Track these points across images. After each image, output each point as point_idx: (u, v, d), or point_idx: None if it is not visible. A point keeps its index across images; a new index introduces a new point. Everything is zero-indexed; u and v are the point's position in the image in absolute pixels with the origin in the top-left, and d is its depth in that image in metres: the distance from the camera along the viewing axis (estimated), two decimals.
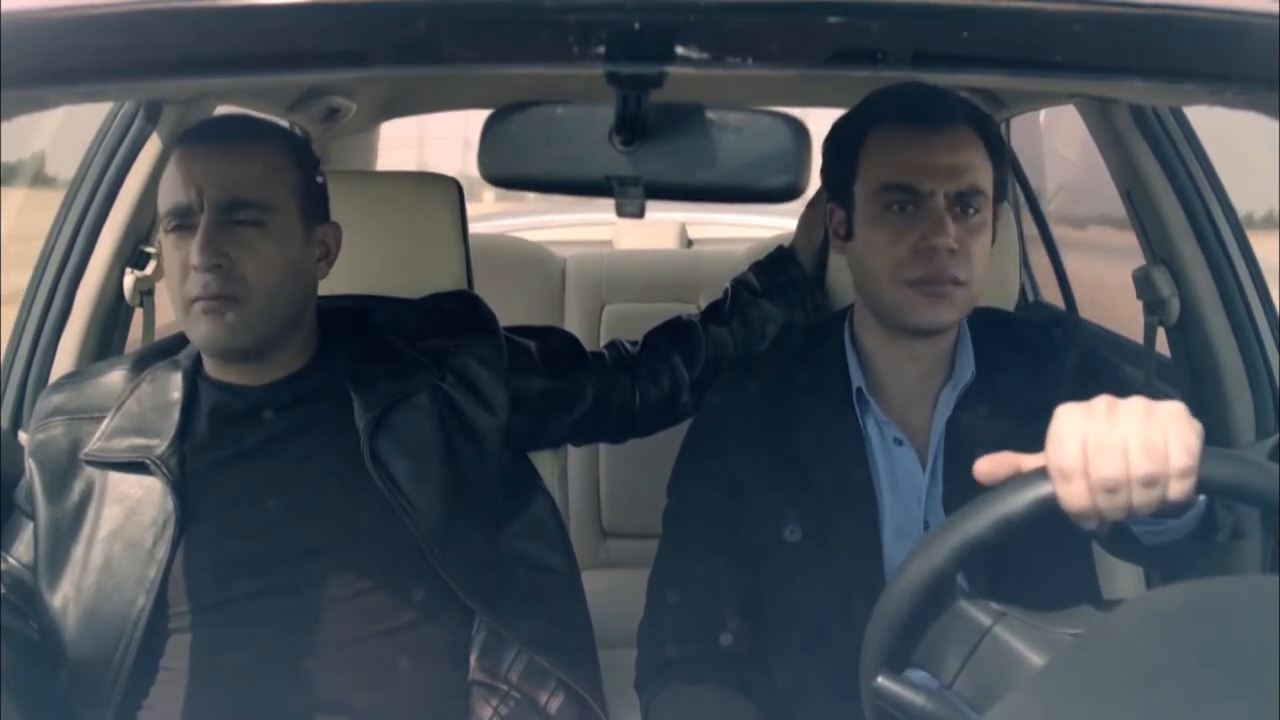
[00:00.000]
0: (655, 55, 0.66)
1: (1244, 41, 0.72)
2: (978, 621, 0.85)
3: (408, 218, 1.58)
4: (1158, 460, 0.83)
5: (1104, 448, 0.84)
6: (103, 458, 1.28)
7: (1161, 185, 1.62)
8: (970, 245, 1.20)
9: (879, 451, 1.25)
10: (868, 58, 0.70)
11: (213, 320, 1.20)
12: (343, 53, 0.71)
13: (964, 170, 1.20)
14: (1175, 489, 0.84)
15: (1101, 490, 0.84)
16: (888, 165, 1.23)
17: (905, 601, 0.86)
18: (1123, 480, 0.84)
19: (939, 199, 1.20)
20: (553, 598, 1.39)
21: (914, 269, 1.20)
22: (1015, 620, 0.85)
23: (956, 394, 1.25)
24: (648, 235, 3.56)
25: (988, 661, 0.84)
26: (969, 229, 1.20)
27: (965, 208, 1.21)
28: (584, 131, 0.79)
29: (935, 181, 1.20)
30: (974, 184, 1.21)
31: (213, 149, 1.23)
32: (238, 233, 1.21)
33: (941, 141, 1.21)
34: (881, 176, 1.23)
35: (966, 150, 1.22)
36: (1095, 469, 0.84)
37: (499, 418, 1.35)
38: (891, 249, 1.21)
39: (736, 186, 0.82)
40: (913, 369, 1.26)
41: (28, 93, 0.77)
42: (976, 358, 1.27)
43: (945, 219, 1.19)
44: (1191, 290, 1.61)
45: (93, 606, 1.23)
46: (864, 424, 1.25)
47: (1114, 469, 0.83)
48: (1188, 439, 0.84)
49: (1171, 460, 0.83)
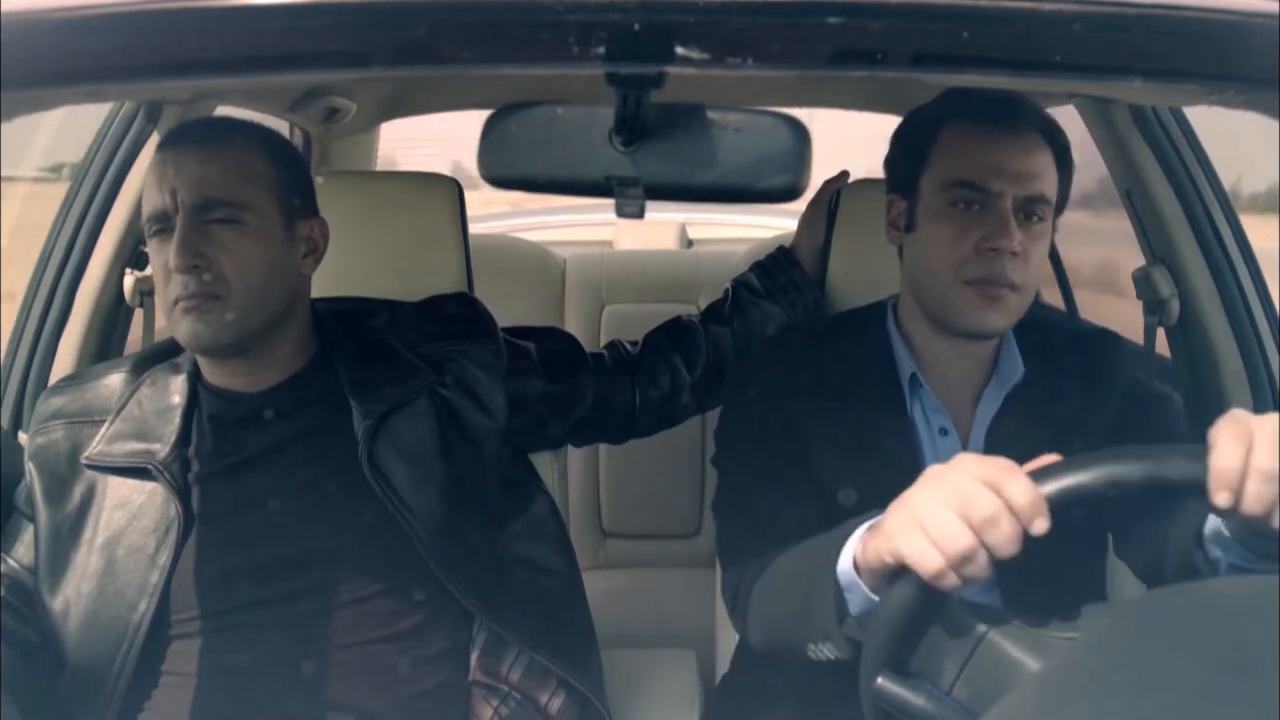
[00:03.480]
0: (655, 56, 0.66)
1: (1244, 41, 0.72)
2: (972, 628, 0.85)
3: (407, 218, 1.58)
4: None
5: (1275, 443, 0.82)
6: (104, 462, 1.27)
7: (1161, 185, 1.62)
8: (1031, 251, 1.20)
9: (925, 438, 1.26)
10: (867, 58, 0.70)
11: (194, 319, 1.21)
12: (342, 53, 0.71)
13: (1034, 176, 1.21)
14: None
15: (1259, 475, 0.82)
16: (959, 162, 1.22)
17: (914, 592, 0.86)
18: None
19: (1007, 201, 1.20)
20: (553, 598, 1.39)
21: (974, 268, 1.20)
22: (1010, 626, 0.85)
23: (1004, 392, 1.26)
24: (648, 236, 3.56)
25: (984, 667, 0.84)
26: (1032, 235, 1.21)
27: (1030, 213, 1.21)
28: (584, 132, 0.79)
29: (1005, 183, 1.20)
30: (1042, 191, 1.21)
31: (185, 152, 1.23)
32: (214, 232, 1.21)
33: (1015, 145, 1.21)
34: (951, 172, 1.22)
35: (1037, 157, 1.22)
36: (1259, 455, 0.82)
37: (497, 421, 1.35)
38: (954, 246, 1.21)
39: (737, 187, 0.82)
40: (959, 365, 1.27)
41: (28, 93, 0.77)
42: (1025, 359, 1.27)
43: (1010, 221, 1.19)
44: (1191, 290, 1.61)
45: (94, 611, 1.23)
46: (911, 411, 1.26)
47: (1278, 462, 0.82)
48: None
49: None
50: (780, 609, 1.14)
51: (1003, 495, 0.83)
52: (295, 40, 0.70)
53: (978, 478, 0.85)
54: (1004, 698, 0.80)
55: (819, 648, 1.01)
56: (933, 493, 0.86)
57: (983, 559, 0.83)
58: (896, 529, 0.87)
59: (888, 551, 0.87)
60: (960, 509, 0.84)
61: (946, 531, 0.83)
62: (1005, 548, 0.83)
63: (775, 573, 1.15)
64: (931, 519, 0.84)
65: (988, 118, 1.22)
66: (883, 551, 0.88)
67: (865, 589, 0.95)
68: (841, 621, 0.98)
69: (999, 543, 0.83)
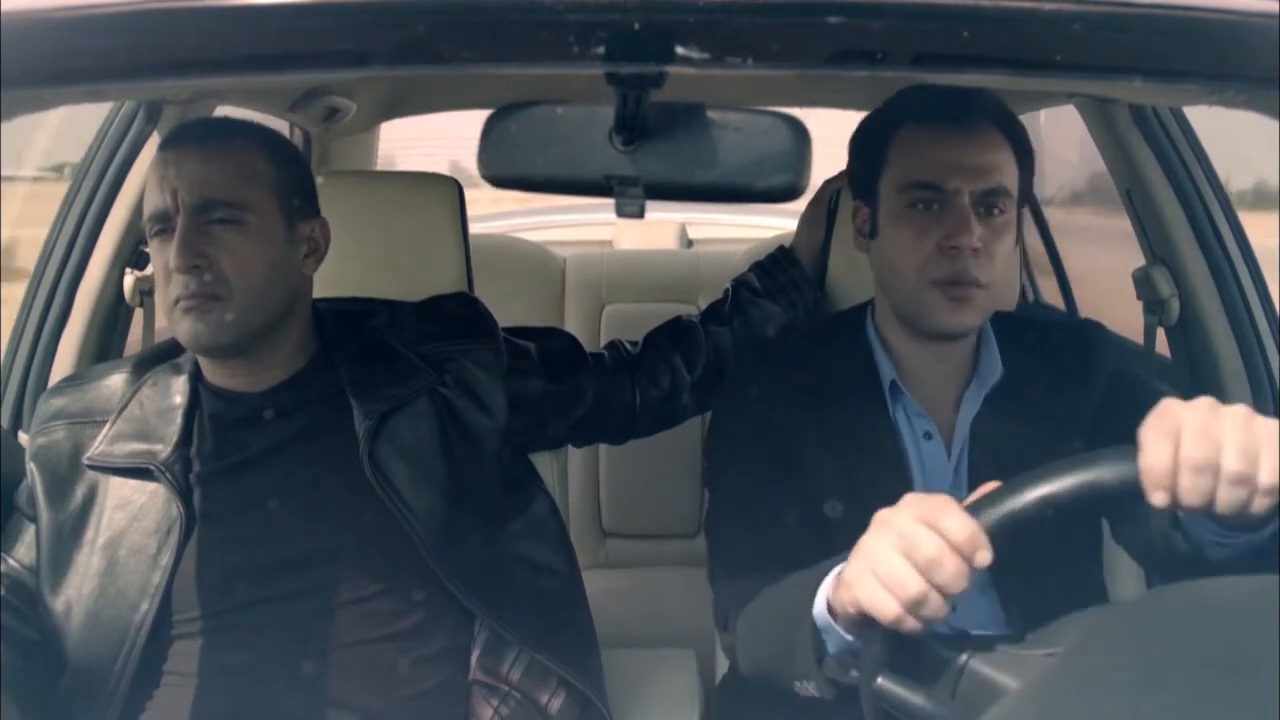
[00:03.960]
0: (655, 55, 0.66)
1: (1244, 41, 0.72)
2: (951, 659, 0.85)
3: (408, 218, 1.58)
4: (1250, 463, 0.81)
5: (1201, 433, 0.82)
6: (105, 462, 1.28)
7: (1161, 185, 1.62)
8: (994, 246, 1.20)
9: (909, 443, 1.26)
10: (867, 58, 0.70)
11: (194, 318, 1.21)
12: (342, 53, 0.71)
13: (990, 170, 1.20)
14: (1260, 502, 0.82)
15: (1189, 468, 0.82)
16: (914, 163, 1.22)
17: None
18: (1211, 466, 0.82)
19: (964, 198, 1.19)
20: (553, 598, 1.39)
21: (938, 269, 1.19)
22: (987, 650, 0.85)
23: (984, 393, 1.26)
24: (648, 235, 3.56)
25: (971, 693, 0.84)
26: (994, 229, 1.20)
27: (990, 208, 1.20)
28: (584, 131, 0.79)
29: (961, 180, 1.19)
30: (1000, 184, 1.20)
31: (185, 152, 1.23)
32: (215, 232, 1.21)
33: (968, 140, 1.21)
34: (907, 174, 1.22)
35: (993, 150, 1.21)
36: (1187, 448, 0.82)
37: (497, 421, 1.35)
38: (916, 247, 1.21)
39: (736, 186, 0.82)
40: (937, 368, 1.27)
41: (28, 93, 0.77)
42: (1004, 358, 1.27)
43: (970, 218, 1.19)
44: (1191, 290, 1.61)
45: (95, 611, 1.23)
46: (894, 416, 1.26)
47: (1206, 453, 0.82)
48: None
49: (1263, 470, 0.82)
50: (764, 647, 1.15)
51: (941, 534, 0.84)
52: (295, 40, 0.70)
53: (916, 518, 0.85)
54: (1004, 699, 0.80)
55: (804, 685, 1.02)
56: (880, 538, 0.87)
57: (936, 600, 0.84)
58: (854, 578, 0.88)
59: (849, 601, 0.88)
60: (905, 552, 0.84)
61: (896, 577, 0.84)
62: (953, 585, 0.83)
63: (758, 610, 1.16)
64: (882, 565, 0.85)
65: (940, 116, 1.22)
66: (845, 601, 0.90)
67: (840, 631, 0.95)
68: (820, 662, 0.98)
69: (946, 581, 0.83)
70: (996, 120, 1.23)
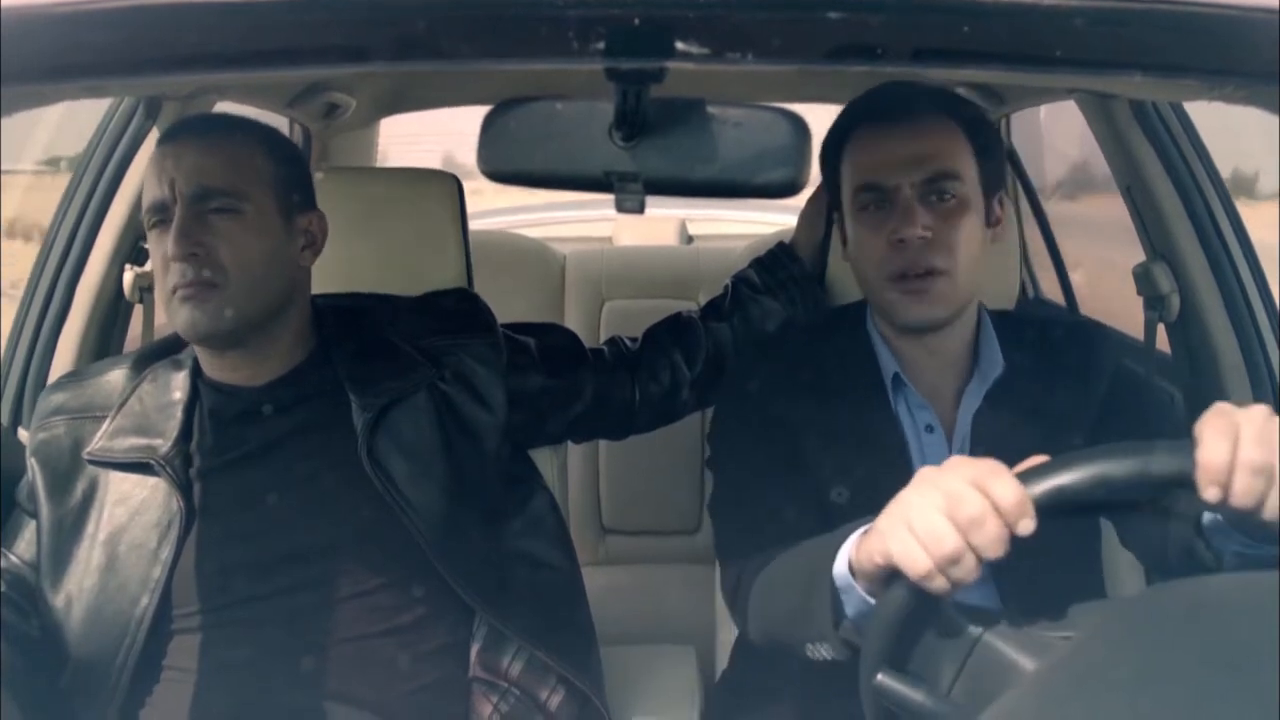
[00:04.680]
0: (655, 51, 0.66)
1: (1244, 36, 0.72)
2: (966, 630, 0.85)
3: (407, 214, 1.58)
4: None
5: (1260, 436, 0.82)
6: (105, 457, 1.28)
7: (1161, 181, 1.61)
8: (947, 232, 1.21)
9: (911, 437, 1.26)
10: (868, 53, 0.70)
11: (192, 307, 1.21)
12: (342, 48, 0.71)
13: (929, 157, 1.21)
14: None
15: (1246, 469, 0.82)
16: (859, 167, 1.25)
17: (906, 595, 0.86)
18: (1268, 469, 0.82)
19: (905, 190, 1.21)
20: (553, 594, 1.39)
21: (891, 263, 1.21)
22: (1004, 627, 0.85)
23: (985, 388, 1.26)
24: (648, 231, 3.56)
25: (981, 669, 0.84)
26: (944, 215, 1.21)
27: (940, 194, 1.21)
28: (584, 127, 0.79)
29: (899, 174, 1.21)
30: (941, 169, 1.21)
31: (184, 145, 1.24)
32: (212, 222, 1.21)
33: (902, 133, 1.22)
34: (855, 179, 1.25)
35: (931, 137, 1.22)
36: (1246, 449, 0.82)
37: (497, 416, 1.35)
38: (872, 246, 1.23)
39: (736, 182, 0.82)
40: (930, 362, 1.27)
41: (28, 88, 0.77)
42: (1006, 355, 1.27)
43: (914, 209, 1.20)
44: (1191, 286, 1.61)
45: (96, 606, 1.23)
46: (896, 409, 1.26)
47: (1264, 456, 0.82)
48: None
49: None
50: (778, 609, 1.14)
51: (989, 496, 0.83)
52: (295, 35, 0.69)
53: (965, 479, 0.85)
54: (1002, 696, 0.80)
55: (816, 648, 1.01)
56: (922, 494, 0.86)
57: (970, 561, 0.83)
58: (887, 529, 0.87)
59: (878, 552, 0.88)
60: (948, 511, 0.84)
61: (934, 533, 0.84)
62: (991, 549, 0.83)
63: (773, 573, 1.16)
64: (920, 520, 0.85)
65: (881, 115, 1.24)
66: (874, 552, 0.89)
67: (861, 591, 0.95)
68: (838, 624, 0.98)
69: (985, 544, 0.83)
70: (939, 107, 1.24)
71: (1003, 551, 0.83)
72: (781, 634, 1.11)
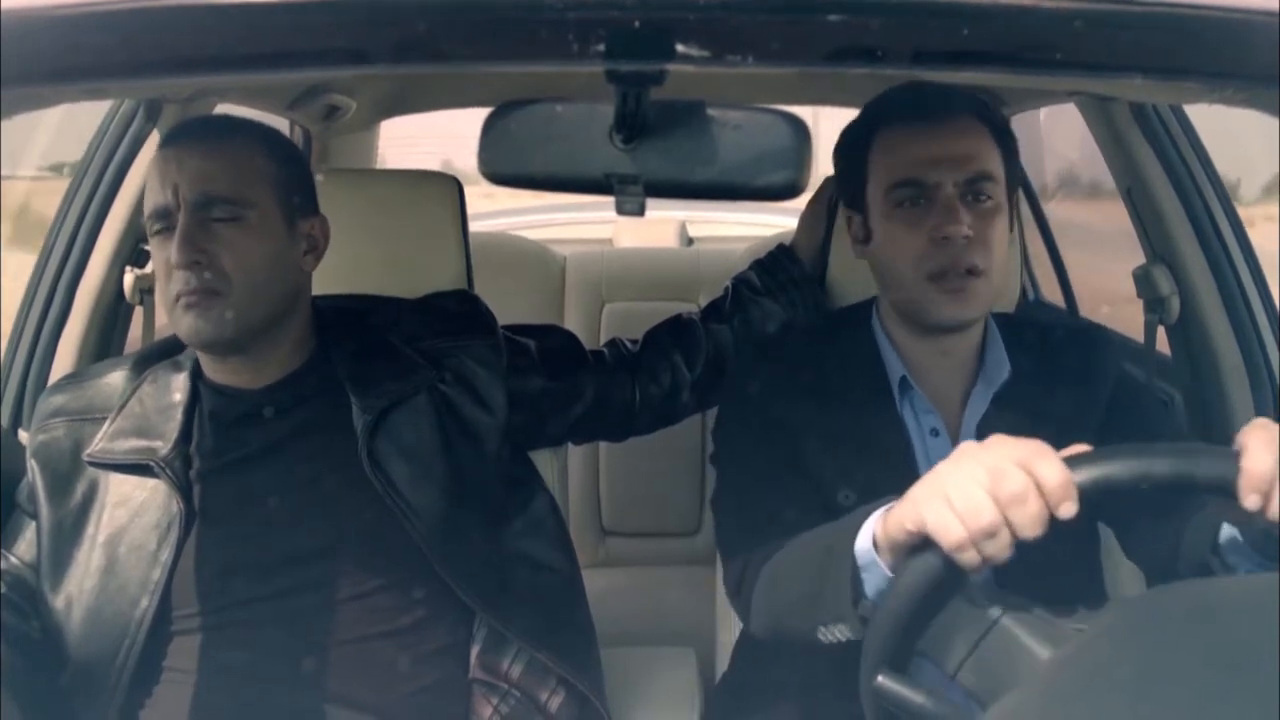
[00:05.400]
0: (655, 53, 0.66)
1: (1244, 39, 0.72)
2: (986, 611, 0.85)
3: (408, 216, 1.58)
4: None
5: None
6: (106, 459, 1.28)
7: (1161, 183, 1.62)
8: (986, 232, 1.21)
9: (916, 439, 1.26)
10: (868, 55, 0.70)
11: (195, 314, 1.21)
12: (342, 50, 0.71)
13: (970, 158, 1.21)
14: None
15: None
16: (895, 163, 1.24)
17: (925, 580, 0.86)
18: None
19: (948, 188, 1.20)
20: (553, 596, 1.39)
21: (933, 260, 1.20)
22: (1023, 613, 0.85)
23: (991, 392, 1.26)
24: (648, 233, 3.57)
25: (994, 652, 0.84)
26: (983, 215, 1.21)
27: (977, 195, 1.21)
28: (584, 129, 0.79)
29: (942, 172, 1.20)
30: (982, 170, 1.21)
31: (186, 150, 1.24)
32: (216, 229, 1.21)
33: (944, 133, 1.22)
34: (891, 175, 1.24)
35: (971, 138, 1.22)
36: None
37: (497, 418, 1.35)
38: (909, 243, 1.22)
39: (737, 184, 0.82)
40: (942, 364, 1.27)
41: (28, 90, 0.77)
42: (1010, 359, 1.27)
43: (957, 207, 1.20)
44: (1192, 288, 1.61)
45: (96, 608, 1.23)
46: (901, 412, 1.26)
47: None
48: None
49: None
50: (790, 592, 1.13)
51: (1034, 475, 0.83)
52: (295, 37, 0.69)
53: (1011, 457, 0.85)
54: (1010, 684, 0.80)
55: (830, 630, 1.00)
56: (963, 467, 0.86)
57: (1005, 537, 0.83)
58: (923, 498, 0.87)
59: (911, 519, 0.87)
60: (989, 486, 0.84)
61: (972, 505, 0.83)
62: (1030, 527, 0.83)
63: (786, 555, 1.15)
64: (959, 491, 0.84)
65: (915, 115, 1.23)
66: (906, 519, 0.88)
67: (883, 567, 0.95)
68: (857, 603, 0.97)
69: (1024, 521, 0.83)
70: (970, 109, 1.24)
71: (1040, 532, 0.83)
72: (792, 618, 1.10)
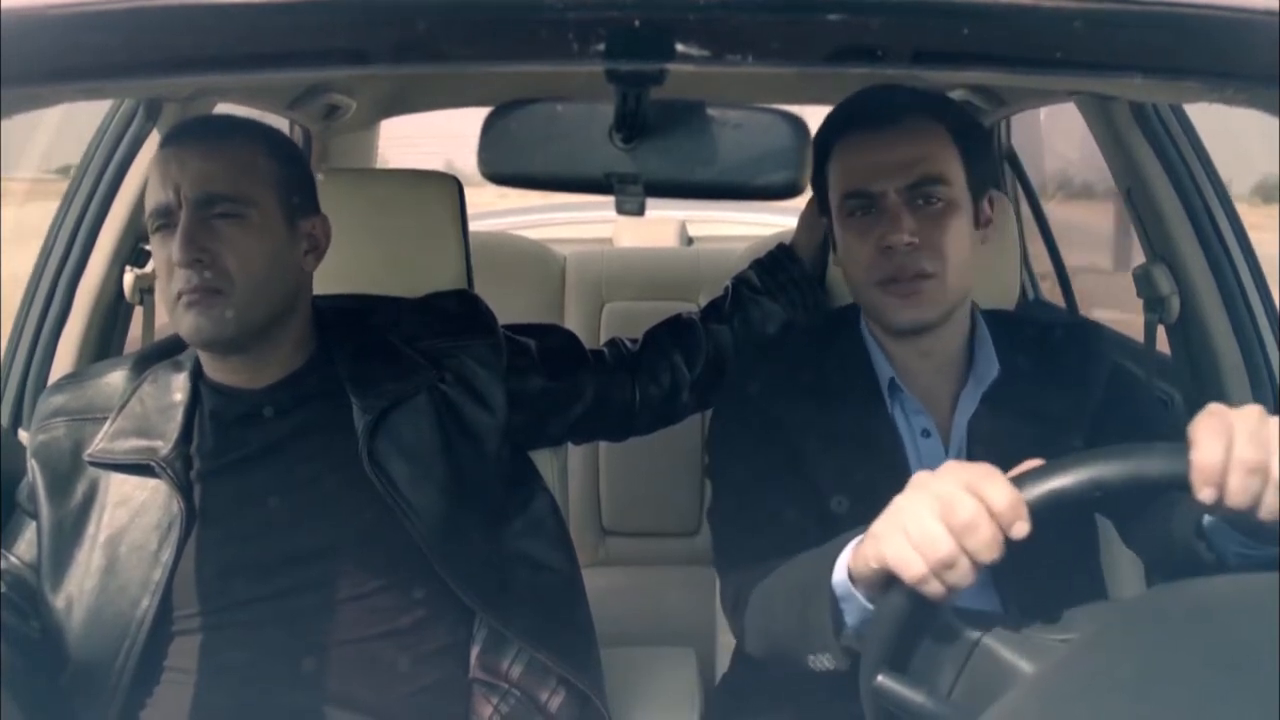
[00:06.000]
0: (655, 53, 0.66)
1: (1245, 38, 0.72)
2: (966, 634, 0.85)
3: (408, 216, 1.58)
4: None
5: (1255, 436, 0.83)
6: (106, 459, 1.28)
7: (1161, 183, 1.61)
8: (935, 236, 1.21)
9: (908, 441, 1.26)
10: (868, 55, 0.70)
11: (197, 312, 1.21)
12: (342, 50, 0.71)
13: (914, 162, 1.21)
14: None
15: (1241, 469, 0.82)
16: (845, 174, 1.25)
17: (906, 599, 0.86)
18: (1263, 469, 0.82)
19: (891, 196, 1.21)
20: (553, 596, 1.39)
21: (879, 269, 1.21)
22: (1003, 630, 0.85)
23: (980, 391, 1.26)
24: (648, 233, 3.56)
25: (981, 672, 0.84)
26: (932, 218, 1.21)
27: (927, 197, 1.21)
28: (584, 129, 0.79)
29: (884, 180, 1.21)
30: (926, 173, 1.21)
31: (188, 148, 1.24)
32: (217, 227, 1.21)
33: (885, 139, 1.22)
34: (841, 187, 1.25)
35: (916, 142, 1.22)
36: (1241, 449, 0.82)
37: (497, 418, 1.35)
38: (860, 252, 1.23)
39: (736, 184, 0.82)
40: (923, 365, 1.27)
41: (28, 90, 0.77)
42: (1002, 358, 1.27)
43: (900, 215, 1.20)
44: (1192, 288, 1.61)
45: (96, 608, 1.23)
46: (892, 413, 1.26)
47: (1259, 456, 0.82)
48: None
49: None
50: (778, 624, 1.14)
51: (983, 500, 0.84)
52: (295, 37, 0.69)
53: (959, 483, 0.85)
54: (1003, 697, 0.80)
55: (818, 659, 1.01)
56: (916, 499, 0.87)
57: (965, 565, 0.83)
58: (884, 533, 0.87)
59: (874, 557, 0.88)
60: (942, 515, 0.84)
61: (928, 537, 0.84)
62: (985, 553, 0.83)
63: (771, 586, 1.16)
64: (914, 524, 0.85)
65: (864, 122, 1.24)
66: (869, 556, 0.89)
67: (860, 599, 0.95)
68: (839, 633, 0.98)
69: (979, 547, 0.83)
70: (922, 111, 1.24)
71: (997, 555, 0.83)
72: (782, 646, 1.11)
